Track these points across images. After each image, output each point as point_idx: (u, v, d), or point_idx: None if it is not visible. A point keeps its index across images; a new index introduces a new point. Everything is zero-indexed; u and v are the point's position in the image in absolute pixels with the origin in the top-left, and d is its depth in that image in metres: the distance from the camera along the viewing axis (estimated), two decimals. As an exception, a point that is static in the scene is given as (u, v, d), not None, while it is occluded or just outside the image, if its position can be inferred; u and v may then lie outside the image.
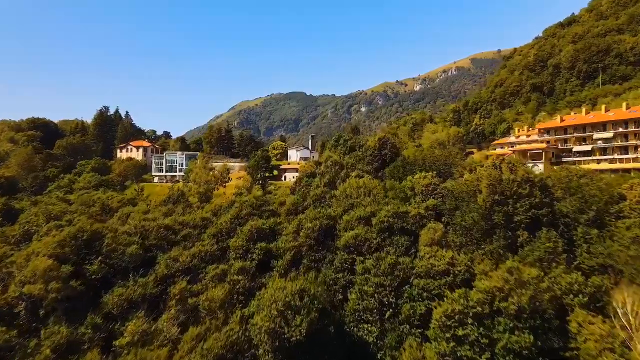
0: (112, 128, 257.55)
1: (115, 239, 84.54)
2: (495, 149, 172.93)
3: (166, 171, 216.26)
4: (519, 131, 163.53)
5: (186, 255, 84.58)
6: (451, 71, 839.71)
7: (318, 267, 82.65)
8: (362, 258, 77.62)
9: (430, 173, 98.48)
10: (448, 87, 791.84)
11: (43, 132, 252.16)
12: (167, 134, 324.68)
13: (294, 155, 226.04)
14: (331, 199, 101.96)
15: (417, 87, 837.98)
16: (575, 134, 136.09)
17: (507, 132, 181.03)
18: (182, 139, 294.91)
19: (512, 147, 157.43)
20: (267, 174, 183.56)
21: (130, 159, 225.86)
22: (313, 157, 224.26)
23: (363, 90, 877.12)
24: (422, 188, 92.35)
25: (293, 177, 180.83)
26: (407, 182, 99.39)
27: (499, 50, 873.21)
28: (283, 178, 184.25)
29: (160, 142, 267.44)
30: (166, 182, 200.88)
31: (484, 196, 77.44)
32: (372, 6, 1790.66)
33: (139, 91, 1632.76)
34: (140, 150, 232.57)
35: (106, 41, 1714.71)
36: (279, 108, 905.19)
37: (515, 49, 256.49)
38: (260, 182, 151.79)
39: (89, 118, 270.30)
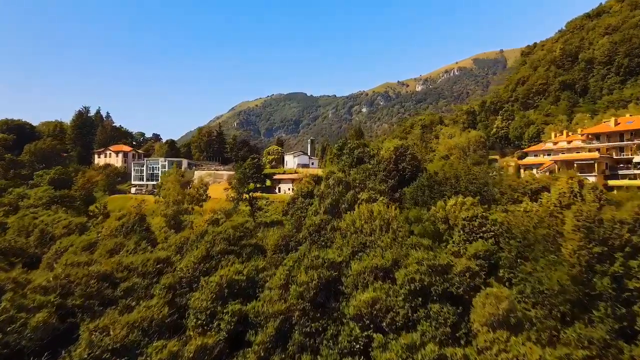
0: (92, 130, 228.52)
1: (16, 300, 55.75)
2: (525, 157, 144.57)
3: (147, 180, 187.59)
4: (555, 136, 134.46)
5: (121, 324, 55.68)
6: (453, 71, 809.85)
7: (315, 345, 54.34)
8: (382, 338, 49.61)
9: (469, 197, 69.50)
10: (450, 88, 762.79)
11: (17, 134, 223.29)
12: (156, 137, 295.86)
13: (290, 161, 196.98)
14: (334, 231, 73.16)
15: (419, 88, 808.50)
16: (636, 141, 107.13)
17: (536, 137, 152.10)
18: (171, 142, 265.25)
19: (548, 154, 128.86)
20: (258, 185, 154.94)
21: (108, 165, 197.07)
22: (312, 163, 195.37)
23: (364, 91, 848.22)
24: (464, 222, 63.40)
25: (289, 189, 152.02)
26: (437, 210, 70.61)
27: (502, 51, 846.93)
28: (277, 190, 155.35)
29: (146, 146, 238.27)
30: (145, 192, 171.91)
31: (574, 245, 48.59)
32: (373, 6, 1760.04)
33: (138, 92, 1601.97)
34: (120, 155, 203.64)
35: (104, 41, 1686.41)
36: (279, 109, 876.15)
37: (535, 43, 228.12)
38: (248, 198, 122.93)
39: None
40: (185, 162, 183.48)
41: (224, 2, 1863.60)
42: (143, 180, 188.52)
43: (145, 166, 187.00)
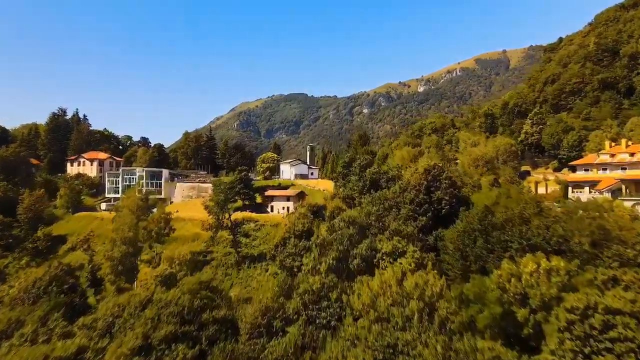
0: (68, 135, 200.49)
1: None
2: (561, 168, 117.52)
3: (123, 192, 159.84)
4: (611, 146, 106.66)
5: None
6: (456, 72, 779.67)
7: None
8: None
9: (556, 257, 41.73)
10: (452, 88, 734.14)
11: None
12: (144, 141, 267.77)
13: (287, 171, 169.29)
14: (341, 309, 45.66)
15: (421, 89, 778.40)
16: None
17: (578, 146, 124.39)
18: (159, 147, 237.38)
19: (604, 169, 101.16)
20: (247, 202, 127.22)
21: (79, 175, 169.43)
22: (312, 173, 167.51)
23: (365, 92, 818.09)
24: (569, 315, 35.59)
25: (283, 209, 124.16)
26: (506, 279, 42.87)
27: (504, 51, 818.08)
28: (269, 208, 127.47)
29: (130, 152, 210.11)
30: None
31: None
32: (373, 6, 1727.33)
33: (134, 93, 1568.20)
34: (95, 163, 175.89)
35: (102, 40, 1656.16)
36: (279, 109, 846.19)
37: (561, 38, 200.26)
38: (230, 225, 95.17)
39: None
40: (165, 173, 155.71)
41: (223, 1, 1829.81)
42: (118, 193, 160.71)
43: (120, 177, 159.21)
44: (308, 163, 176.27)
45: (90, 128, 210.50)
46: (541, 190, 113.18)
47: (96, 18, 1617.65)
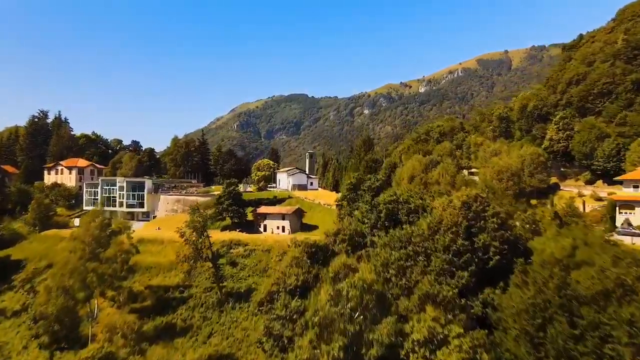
0: (48, 140, 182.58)
1: None
2: (594, 181, 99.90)
3: (102, 205, 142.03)
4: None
5: None
6: (457, 72, 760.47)
7: None
8: None
9: None
10: (454, 89, 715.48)
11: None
12: (135, 145, 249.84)
13: (284, 181, 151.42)
14: None
15: (422, 89, 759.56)
16: None
17: (616, 155, 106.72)
18: (149, 153, 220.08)
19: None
20: (236, 220, 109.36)
21: (55, 185, 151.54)
22: (311, 183, 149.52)
23: (366, 92, 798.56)
24: None
25: (278, 228, 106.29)
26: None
27: (506, 51, 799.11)
28: (262, 228, 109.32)
29: (116, 158, 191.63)
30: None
31: None
32: (374, 7, 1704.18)
33: (131, 94, 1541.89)
34: (74, 172, 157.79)
35: (99, 40, 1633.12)
36: (280, 110, 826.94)
37: (581, 35, 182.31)
38: (211, 256, 77.14)
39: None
40: (148, 184, 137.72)
41: (223, 2, 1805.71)
42: (96, 206, 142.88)
43: (99, 187, 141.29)
44: (307, 172, 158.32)
45: (72, 132, 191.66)
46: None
47: (96, 17, 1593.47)
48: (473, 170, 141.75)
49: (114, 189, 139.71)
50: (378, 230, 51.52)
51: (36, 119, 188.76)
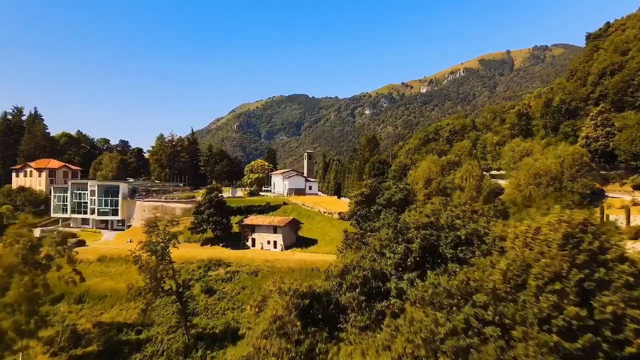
0: (22, 139, 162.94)
1: None
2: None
3: (73, 211, 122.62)
4: None
5: None
6: (459, 72, 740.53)
7: None
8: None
9: None
10: (456, 89, 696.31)
11: None
12: (124, 144, 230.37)
13: (279, 184, 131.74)
14: None
15: (424, 89, 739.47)
16: None
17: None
18: (137, 153, 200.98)
19: None
20: (219, 232, 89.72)
21: (22, 188, 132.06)
22: (310, 187, 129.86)
23: (367, 93, 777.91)
24: None
25: (268, 244, 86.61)
26: None
27: (508, 51, 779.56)
28: (250, 242, 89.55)
29: (98, 159, 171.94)
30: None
31: None
32: (374, 7, 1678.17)
33: (129, 94, 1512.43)
34: (44, 174, 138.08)
35: (98, 40, 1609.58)
36: (280, 111, 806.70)
37: (608, 23, 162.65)
38: (175, 288, 57.65)
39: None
40: (124, 188, 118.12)
41: (222, 4, 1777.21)
42: (66, 213, 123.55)
43: (69, 192, 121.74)
44: (305, 174, 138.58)
45: (48, 130, 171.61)
46: (614, 216, 77.26)
47: (100, 15, 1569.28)
48: (494, 172, 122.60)
49: (84, 193, 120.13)
50: (408, 272, 31.87)
51: (9, 116, 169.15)
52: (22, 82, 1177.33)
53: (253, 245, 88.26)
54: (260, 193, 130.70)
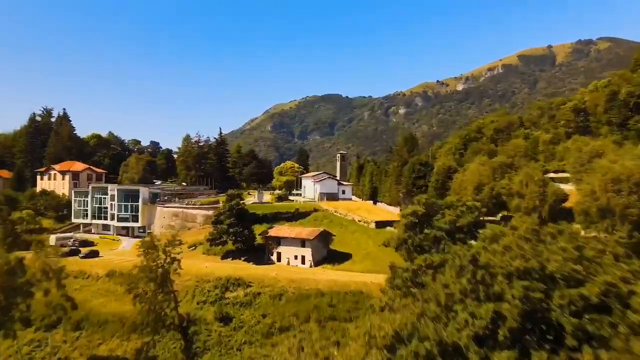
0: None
1: None
2: None
3: (93, 217, 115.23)
4: None
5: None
6: (497, 69, 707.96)
7: None
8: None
9: None
10: (495, 86, 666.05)
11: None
12: (155, 146, 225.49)
13: (310, 188, 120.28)
14: None
15: (460, 87, 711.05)
16: None
17: None
18: (166, 154, 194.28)
19: None
20: (239, 245, 78.78)
21: (45, 192, 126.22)
22: (343, 192, 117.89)
23: (401, 91, 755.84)
24: None
25: (295, 259, 75.14)
26: None
27: (550, 46, 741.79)
28: (274, 256, 78.19)
29: (126, 162, 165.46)
30: (74, 244, 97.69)
31: None
32: (409, 4, 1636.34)
33: (162, 96, 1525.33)
34: (67, 177, 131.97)
35: (140, 41, 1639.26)
36: (313, 111, 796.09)
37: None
38: (177, 321, 47.04)
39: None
40: (144, 192, 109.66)
41: (256, 4, 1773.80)
42: (87, 218, 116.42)
43: (89, 196, 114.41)
44: (338, 177, 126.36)
45: (75, 131, 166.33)
46: None
47: (138, 17, 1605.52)
48: (551, 174, 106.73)
49: (105, 198, 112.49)
50: (498, 350, 19.47)
51: (38, 117, 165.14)
52: (56, 84, 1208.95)
53: (278, 259, 76.99)
54: (290, 197, 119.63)
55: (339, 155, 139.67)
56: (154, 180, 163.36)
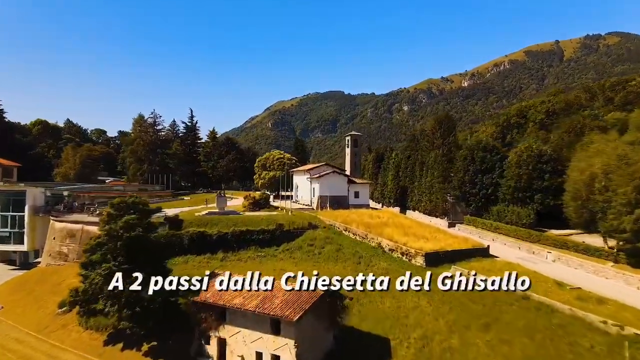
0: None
1: None
2: None
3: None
4: None
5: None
6: (504, 65, 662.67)
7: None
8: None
9: None
10: (501, 83, 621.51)
11: None
12: (123, 135, 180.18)
13: (304, 188, 74.46)
14: None
15: (466, 84, 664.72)
16: None
17: None
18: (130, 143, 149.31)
19: None
20: (132, 325, 33.36)
21: None
22: (356, 194, 71.81)
23: (405, 88, 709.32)
24: None
25: (260, 359, 28.14)
26: None
27: (557, 42, 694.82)
28: (213, 350, 32.47)
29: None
30: None
31: None
32: (409, 1, 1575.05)
33: (170, 94, 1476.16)
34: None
35: (135, 39, 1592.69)
36: (315, 108, 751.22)
37: None
38: None
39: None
40: (33, 196, 64.40)
41: (257, 4, 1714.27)
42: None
43: (-40, 201, 68.98)
44: (348, 171, 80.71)
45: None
46: None
47: (147, 17, 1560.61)
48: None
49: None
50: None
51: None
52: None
53: (222, 357, 31.53)
54: (273, 203, 73.77)
55: (348, 138, 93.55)
56: (106, 179, 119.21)
